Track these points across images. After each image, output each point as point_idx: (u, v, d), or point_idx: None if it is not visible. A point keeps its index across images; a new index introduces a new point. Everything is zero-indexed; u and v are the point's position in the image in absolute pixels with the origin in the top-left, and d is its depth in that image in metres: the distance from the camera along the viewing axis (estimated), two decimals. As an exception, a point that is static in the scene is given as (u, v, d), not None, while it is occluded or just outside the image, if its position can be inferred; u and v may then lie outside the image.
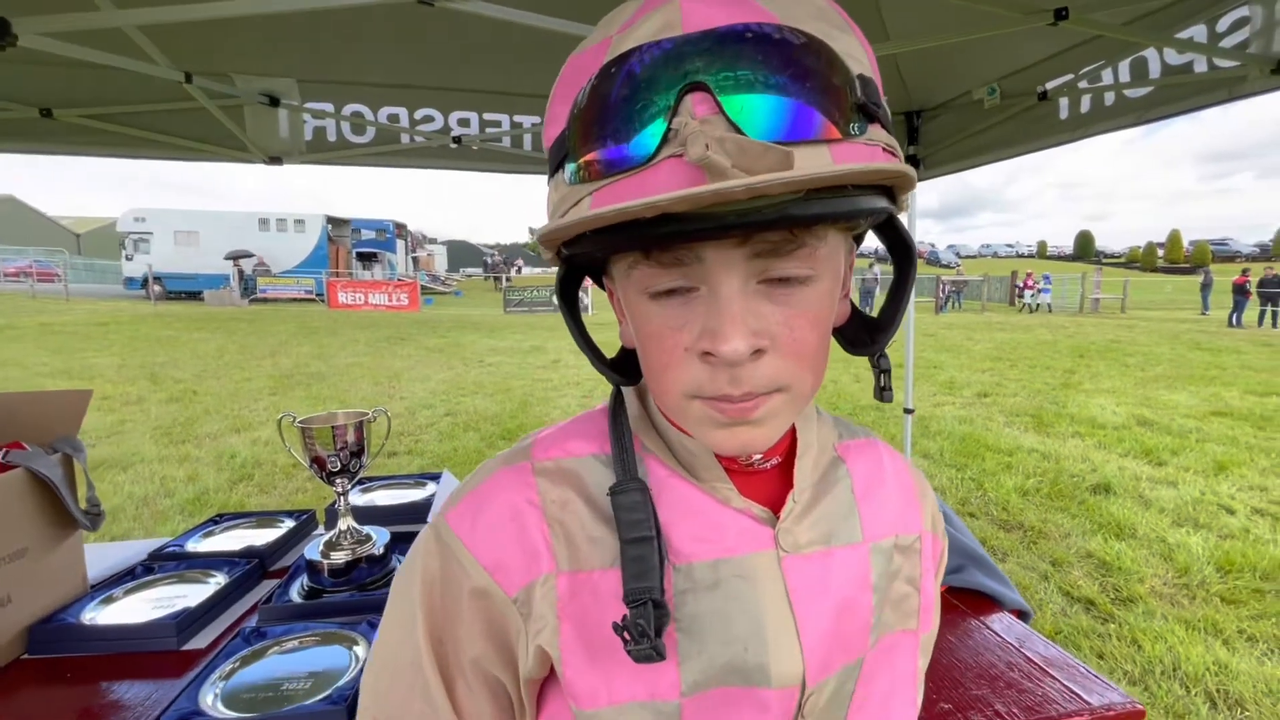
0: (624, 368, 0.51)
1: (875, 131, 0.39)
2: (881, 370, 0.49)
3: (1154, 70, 1.99)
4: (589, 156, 0.38)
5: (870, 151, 0.38)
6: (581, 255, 0.42)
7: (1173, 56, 1.92)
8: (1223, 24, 1.77)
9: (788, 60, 0.35)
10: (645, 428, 0.51)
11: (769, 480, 0.51)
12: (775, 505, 0.50)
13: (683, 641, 0.45)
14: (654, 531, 0.44)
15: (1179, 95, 1.95)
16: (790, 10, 0.38)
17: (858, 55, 0.40)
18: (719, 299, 0.39)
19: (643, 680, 0.44)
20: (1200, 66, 1.85)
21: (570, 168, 0.40)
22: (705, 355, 0.40)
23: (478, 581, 0.46)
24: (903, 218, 0.45)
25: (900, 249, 0.46)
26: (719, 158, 0.33)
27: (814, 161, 0.35)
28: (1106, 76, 2.12)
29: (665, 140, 0.35)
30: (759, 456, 0.49)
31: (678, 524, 0.47)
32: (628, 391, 0.54)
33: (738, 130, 0.34)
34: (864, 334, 0.49)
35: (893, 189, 0.40)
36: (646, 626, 0.40)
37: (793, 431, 0.52)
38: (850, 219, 0.39)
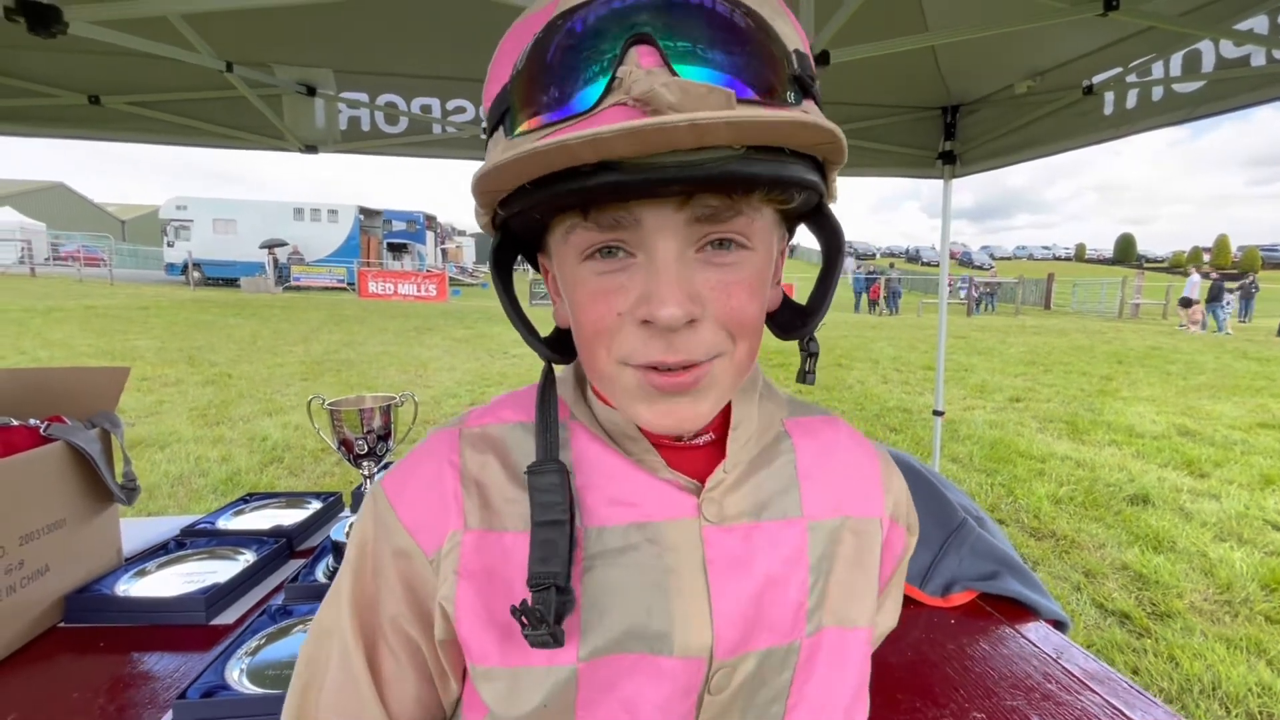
0: (557, 348, 0.51)
1: (809, 106, 0.40)
2: (809, 354, 0.50)
3: (1207, 64, 1.90)
4: (532, 105, 0.37)
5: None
6: (519, 218, 0.41)
7: (1229, 49, 1.84)
8: (1286, 15, 1.69)
9: (731, 25, 0.36)
10: (576, 400, 0.51)
11: (701, 456, 0.50)
12: (705, 479, 0.49)
13: (586, 609, 0.44)
14: (567, 515, 0.43)
15: (1232, 91, 1.87)
16: None
17: (793, 36, 0.40)
18: (656, 264, 0.39)
19: None
20: (1258, 60, 1.77)
21: (511, 119, 0.39)
22: (643, 323, 0.40)
23: (399, 542, 0.47)
24: (836, 209, 0.47)
25: (831, 238, 0.46)
26: (663, 92, 0.32)
27: (754, 113, 0.35)
28: (1157, 71, 2.04)
29: (609, 90, 0.35)
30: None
31: (597, 488, 0.47)
32: (564, 369, 0.53)
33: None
34: (795, 319, 0.50)
35: (824, 168, 0.41)
36: (545, 613, 0.40)
37: (727, 408, 0.50)
38: (786, 186, 0.40)
